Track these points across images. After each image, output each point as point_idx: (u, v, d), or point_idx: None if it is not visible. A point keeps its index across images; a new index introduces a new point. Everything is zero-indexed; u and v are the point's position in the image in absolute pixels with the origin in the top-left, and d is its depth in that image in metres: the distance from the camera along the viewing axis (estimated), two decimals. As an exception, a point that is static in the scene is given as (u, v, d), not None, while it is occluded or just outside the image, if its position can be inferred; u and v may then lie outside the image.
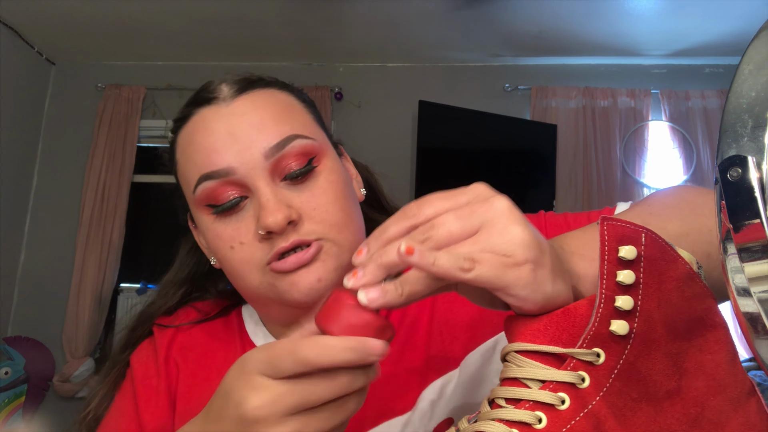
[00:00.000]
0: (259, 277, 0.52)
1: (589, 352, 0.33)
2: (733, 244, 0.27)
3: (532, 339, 0.34)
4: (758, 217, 0.26)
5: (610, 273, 0.33)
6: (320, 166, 0.54)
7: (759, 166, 0.26)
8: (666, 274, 0.34)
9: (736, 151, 0.27)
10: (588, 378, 0.33)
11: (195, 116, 0.55)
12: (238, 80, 0.57)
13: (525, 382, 0.34)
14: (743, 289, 0.27)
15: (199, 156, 0.53)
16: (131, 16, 2.68)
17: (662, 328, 0.34)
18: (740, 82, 0.28)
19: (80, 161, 3.03)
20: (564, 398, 0.32)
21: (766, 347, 0.27)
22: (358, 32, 2.81)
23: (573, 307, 0.34)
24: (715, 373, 0.35)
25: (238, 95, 0.55)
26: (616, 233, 0.34)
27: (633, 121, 2.88)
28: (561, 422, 0.32)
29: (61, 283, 2.92)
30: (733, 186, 0.27)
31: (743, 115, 0.27)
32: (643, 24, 2.64)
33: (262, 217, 0.49)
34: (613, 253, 0.33)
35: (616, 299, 0.33)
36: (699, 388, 0.34)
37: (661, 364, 0.34)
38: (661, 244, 0.34)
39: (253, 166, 0.51)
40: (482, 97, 2.99)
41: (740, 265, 0.27)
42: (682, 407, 0.33)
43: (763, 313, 0.27)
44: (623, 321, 0.33)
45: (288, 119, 0.54)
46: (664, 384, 0.33)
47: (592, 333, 0.33)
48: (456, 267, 0.31)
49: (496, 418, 0.33)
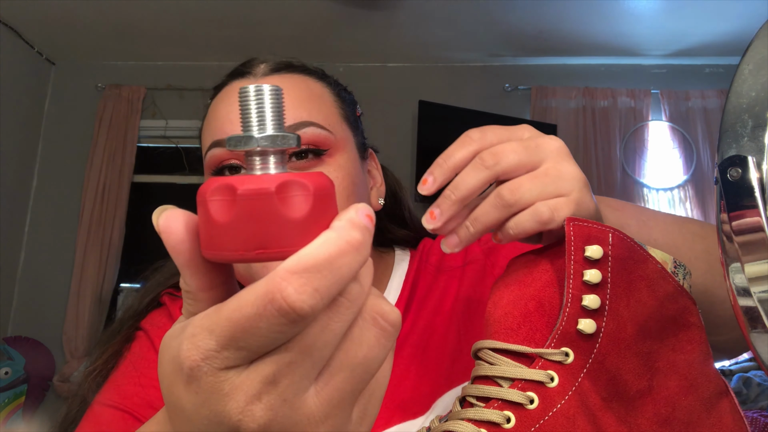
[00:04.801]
0: None
1: (557, 352, 0.33)
2: (734, 244, 0.27)
3: (505, 337, 0.34)
4: (758, 217, 0.26)
5: (576, 272, 0.33)
6: (329, 159, 0.53)
7: (759, 166, 0.26)
8: (635, 274, 0.34)
9: (736, 151, 0.27)
10: (557, 377, 0.33)
11: (227, 87, 0.57)
12: (278, 61, 0.57)
13: (496, 380, 0.34)
14: (743, 289, 0.27)
15: (216, 123, 0.54)
16: (131, 16, 2.68)
17: (632, 327, 0.33)
18: (740, 82, 0.28)
19: (80, 161, 3.03)
20: (533, 397, 0.32)
21: (766, 347, 0.27)
22: (358, 32, 2.81)
23: (549, 305, 0.34)
24: (688, 373, 0.34)
25: (271, 74, 0.56)
26: (582, 233, 0.34)
27: (633, 121, 2.87)
28: (529, 422, 0.32)
29: (61, 283, 2.92)
30: (733, 186, 0.27)
31: (743, 115, 0.27)
32: (643, 24, 2.64)
33: None
34: (580, 253, 0.33)
35: (583, 298, 0.33)
36: (671, 387, 0.34)
37: (631, 363, 0.33)
38: (630, 243, 0.34)
39: None
40: (482, 97, 2.99)
41: (740, 265, 0.27)
42: (653, 407, 0.33)
43: (763, 312, 0.27)
44: (590, 320, 0.33)
45: (310, 107, 0.54)
46: (634, 383, 0.33)
47: (560, 332, 0.33)
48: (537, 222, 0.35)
49: (465, 418, 0.33)
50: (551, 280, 0.35)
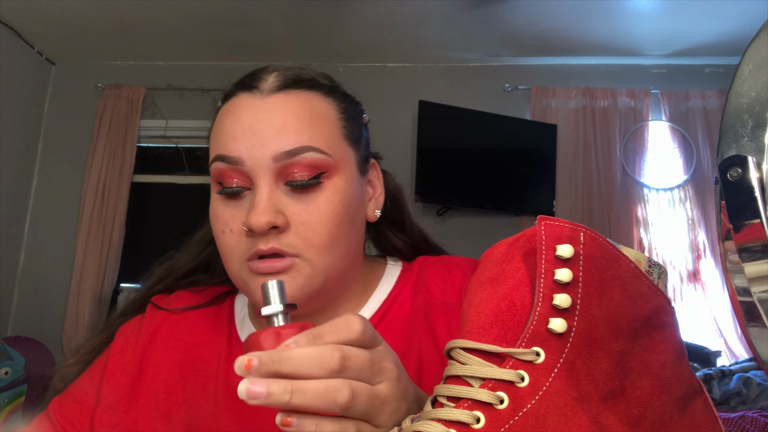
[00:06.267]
0: (238, 267, 0.54)
1: (528, 351, 0.33)
2: (733, 244, 0.27)
3: (477, 337, 0.34)
4: (758, 217, 0.26)
5: (547, 271, 0.33)
6: (327, 182, 0.54)
7: (759, 166, 0.26)
8: (607, 273, 0.34)
9: (736, 151, 0.27)
10: (527, 377, 0.32)
11: (234, 98, 0.57)
12: (286, 75, 0.57)
13: (467, 380, 0.33)
14: (743, 289, 0.27)
15: (221, 137, 0.55)
16: (131, 16, 2.68)
17: (604, 326, 0.33)
18: (740, 82, 0.28)
19: (80, 161, 3.03)
20: (503, 397, 0.32)
21: (766, 347, 0.27)
22: (358, 32, 2.81)
23: (520, 304, 0.34)
24: (661, 372, 0.34)
25: (277, 92, 0.55)
26: (553, 232, 0.34)
27: (633, 121, 2.87)
28: (499, 422, 0.32)
29: (61, 283, 2.92)
30: (733, 186, 0.27)
31: (743, 115, 0.27)
32: (643, 24, 2.64)
33: (249, 214, 0.51)
34: (551, 252, 0.33)
35: (554, 297, 0.33)
36: (643, 387, 0.34)
37: (603, 363, 0.33)
38: (602, 243, 0.34)
39: (260, 164, 0.52)
40: (482, 97, 2.98)
41: (740, 265, 0.27)
42: (624, 407, 0.33)
43: (763, 312, 0.27)
44: (561, 319, 0.32)
45: (311, 129, 0.54)
46: (606, 384, 0.33)
47: (531, 331, 0.33)
48: None
49: (435, 418, 0.33)
50: (523, 278, 0.35)
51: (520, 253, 0.35)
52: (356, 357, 0.36)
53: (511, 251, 0.36)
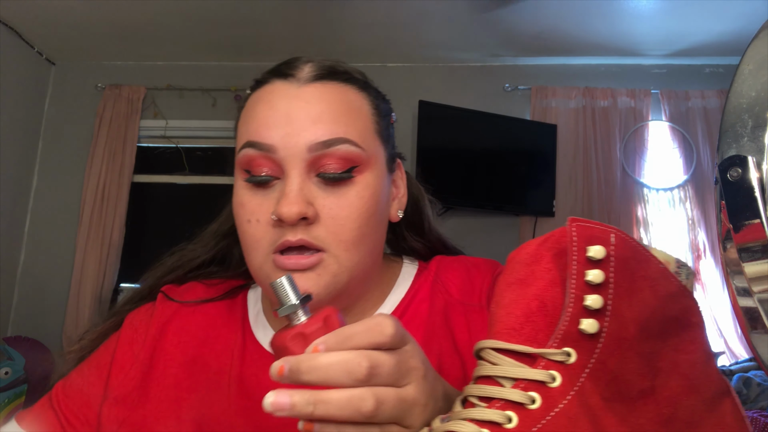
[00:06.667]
0: (261, 260, 0.53)
1: (560, 352, 0.33)
2: (733, 243, 0.27)
3: (507, 337, 0.34)
4: (758, 217, 0.26)
5: (579, 273, 0.33)
6: (359, 177, 0.53)
7: (759, 166, 0.26)
8: (638, 274, 0.34)
9: (736, 151, 0.27)
10: (559, 377, 0.33)
11: (268, 85, 0.56)
12: (323, 66, 0.56)
13: (498, 380, 0.34)
14: (743, 289, 0.27)
15: (253, 123, 0.54)
16: (131, 16, 2.68)
17: (634, 327, 0.33)
18: (740, 82, 0.28)
19: (80, 161, 3.03)
20: (535, 397, 0.32)
21: (766, 347, 0.27)
22: (358, 32, 2.81)
23: (551, 305, 0.34)
24: (690, 373, 0.34)
25: (313, 81, 0.55)
26: (584, 233, 0.34)
27: (633, 121, 2.87)
28: (531, 422, 0.32)
29: (61, 283, 2.92)
30: (733, 186, 0.27)
31: (743, 115, 0.27)
32: (643, 24, 2.64)
33: (280, 203, 0.50)
34: (582, 253, 0.33)
35: (585, 298, 0.33)
36: (673, 388, 0.34)
37: (634, 363, 0.33)
38: (633, 244, 0.34)
39: (294, 153, 0.51)
40: (482, 97, 2.98)
41: (740, 265, 0.27)
42: (655, 407, 0.33)
43: (763, 312, 0.27)
44: (593, 320, 0.33)
45: (347, 121, 0.53)
46: (637, 383, 0.33)
47: (563, 332, 0.33)
48: None
49: (467, 418, 0.33)
50: (553, 279, 0.35)
51: (549, 254, 0.36)
52: (384, 363, 0.36)
53: (539, 252, 0.36)
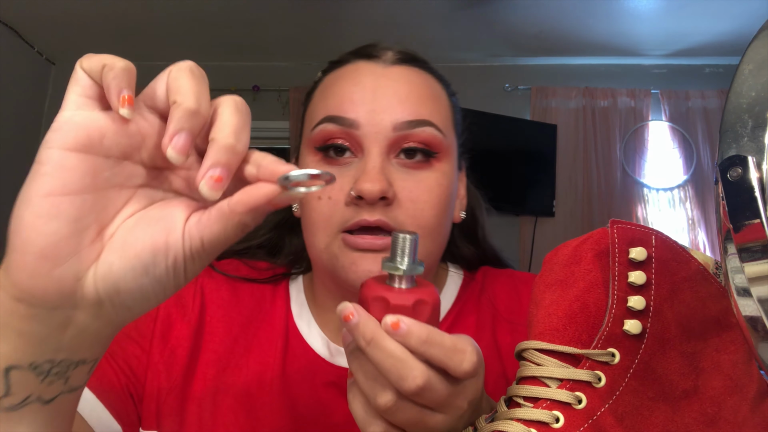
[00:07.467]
0: (329, 239, 0.50)
1: (604, 353, 0.33)
2: (733, 244, 0.27)
3: (551, 338, 0.34)
4: (758, 217, 0.26)
5: (621, 274, 0.34)
6: (437, 164, 0.52)
7: (759, 166, 0.26)
8: (678, 275, 0.34)
9: (736, 151, 0.27)
10: (604, 377, 0.33)
11: (350, 65, 0.55)
12: (406, 52, 0.56)
13: (543, 380, 0.34)
14: (743, 289, 0.27)
15: (334, 98, 0.52)
16: (131, 17, 2.68)
17: (676, 327, 0.34)
18: (740, 82, 0.28)
19: (80, 161, 3.03)
20: (581, 397, 0.33)
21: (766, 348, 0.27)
22: (358, 32, 2.81)
23: (594, 306, 0.34)
24: (732, 372, 0.35)
25: (398, 64, 0.54)
26: (626, 236, 0.34)
27: (633, 121, 2.87)
28: (578, 421, 0.32)
29: (61, 283, 2.92)
30: (733, 186, 0.27)
31: (743, 115, 0.27)
32: (643, 24, 2.64)
33: (361, 180, 0.48)
34: (624, 255, 0.34)
35: (628, 299, 0.33)
36: (716, 387, 0.34)
37: (677, 363, 0.34)
38: (673, 245, 0.34)
39: (378, 131, 0.50)
40: (482, 97, 2.98)
41: (740, 265, 0.27)
42: (699, 407, 0.34)
43: (763, 313, 0.27)
44: (636, 320, 0.33)
45: (431, 106, 0.53)
46: (680, 383, 0.34)
47: (606, 333, 0.33)
48: None
49: (514, 418, 0.33)
50: (595, 281, 0.35)
51: (590, 255, 0.36)
52: (436, 391, 0.33)
53: (578, 253, 0.36)
